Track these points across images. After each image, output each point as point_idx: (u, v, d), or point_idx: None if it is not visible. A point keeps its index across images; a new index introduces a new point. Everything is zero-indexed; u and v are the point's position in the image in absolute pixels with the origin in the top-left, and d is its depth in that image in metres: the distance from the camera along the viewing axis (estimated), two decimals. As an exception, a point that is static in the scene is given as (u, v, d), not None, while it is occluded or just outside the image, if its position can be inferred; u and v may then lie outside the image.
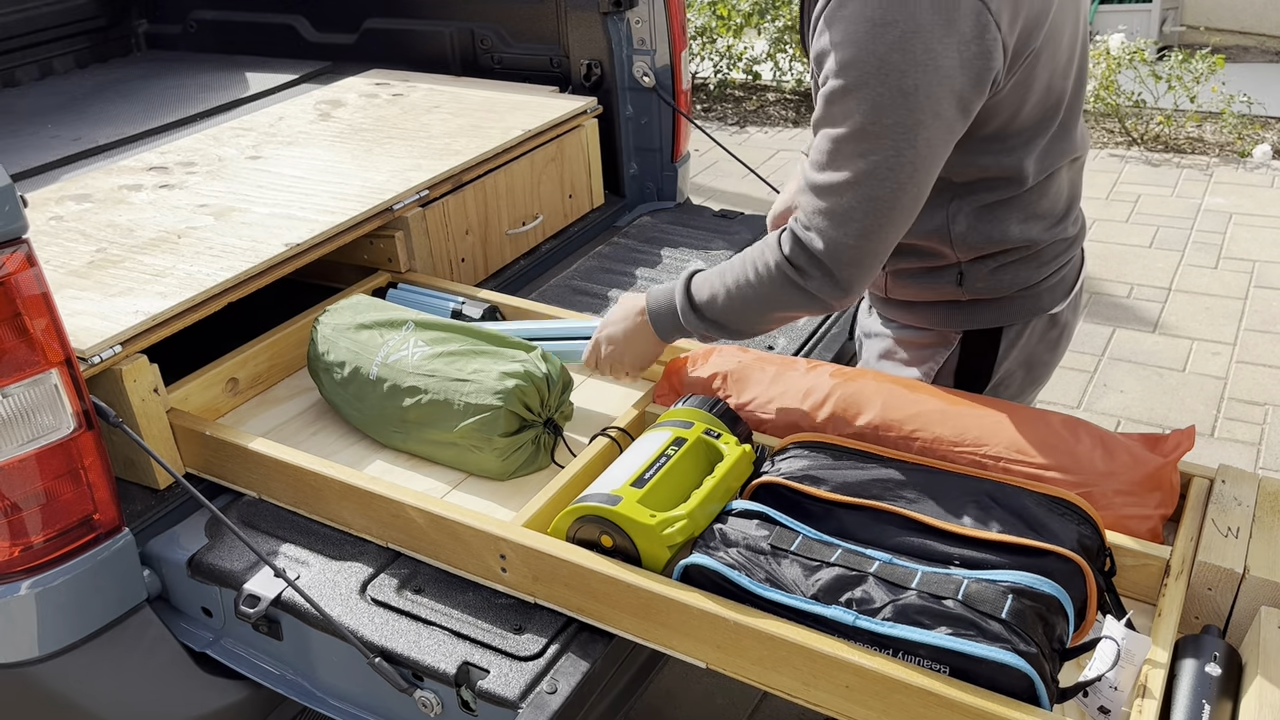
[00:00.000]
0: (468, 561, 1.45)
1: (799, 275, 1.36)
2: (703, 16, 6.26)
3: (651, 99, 2.62)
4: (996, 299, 1.54)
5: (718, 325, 1.47)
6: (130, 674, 1.57)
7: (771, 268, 1.38)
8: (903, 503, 1.28)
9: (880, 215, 1.29)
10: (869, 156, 1.26)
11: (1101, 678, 1.10)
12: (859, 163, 1.26)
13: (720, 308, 1.45)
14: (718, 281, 1.45)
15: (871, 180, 1.27)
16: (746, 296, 1.42)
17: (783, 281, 1.38)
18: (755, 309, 1.43)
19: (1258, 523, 1.31)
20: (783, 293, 1.39)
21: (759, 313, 1.43)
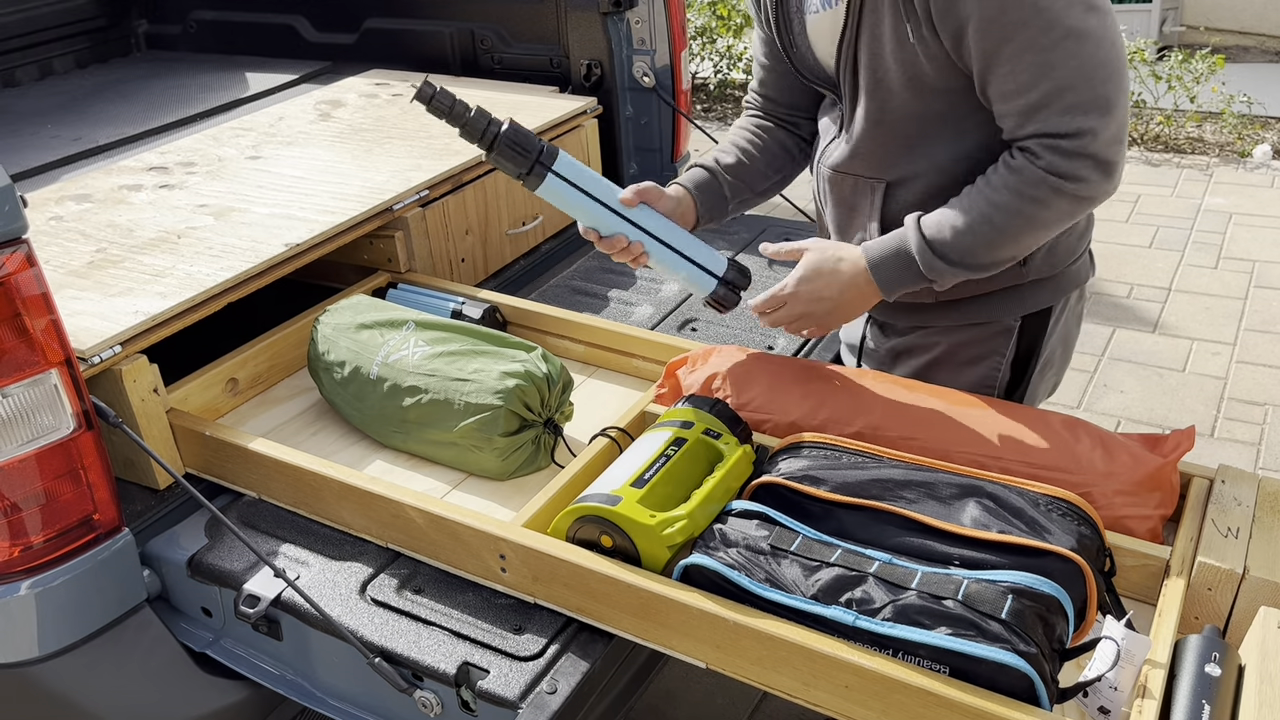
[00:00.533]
0: (467, 562, 1.45)
1: (1072, 183, 1.35)
2: (703, 16, 6.26)
3: (651, 99, 2.62)
4: (1050, 276, 1.56)
5: (961, 265, 1.42)
6: (130, 674, 1.57)
7: (1032, 188, 1.36)
8: (902, 503, 1.28)
9: (1122, 87, 1.34)
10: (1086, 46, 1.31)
11: (1101, 678, 1.10)
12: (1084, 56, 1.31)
13: (967, 244, 1.40)
14: (957, 219, 1.40)
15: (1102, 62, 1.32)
16: (1000, 225, 1.38)
17: (1051, 197, 1.36)
18: (1012, 235, 1.40)
19: (1257, 523, 1.31)
20: (1051, 209, 1.37)
21: (1015, 238, 1.40)
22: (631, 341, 1.88)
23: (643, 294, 2.26)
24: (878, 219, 1.53)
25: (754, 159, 1.69)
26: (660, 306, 2.20)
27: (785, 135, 1.72)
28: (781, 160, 1.72)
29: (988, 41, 1.32)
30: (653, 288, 2.28)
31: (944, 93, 1.42)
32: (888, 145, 1.49)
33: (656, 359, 1.86)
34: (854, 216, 1.58)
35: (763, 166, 1.70)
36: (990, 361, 1.61)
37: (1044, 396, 1.73)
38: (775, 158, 1.71)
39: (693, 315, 2.17)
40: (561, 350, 1.95)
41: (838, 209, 1.60)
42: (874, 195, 1.53)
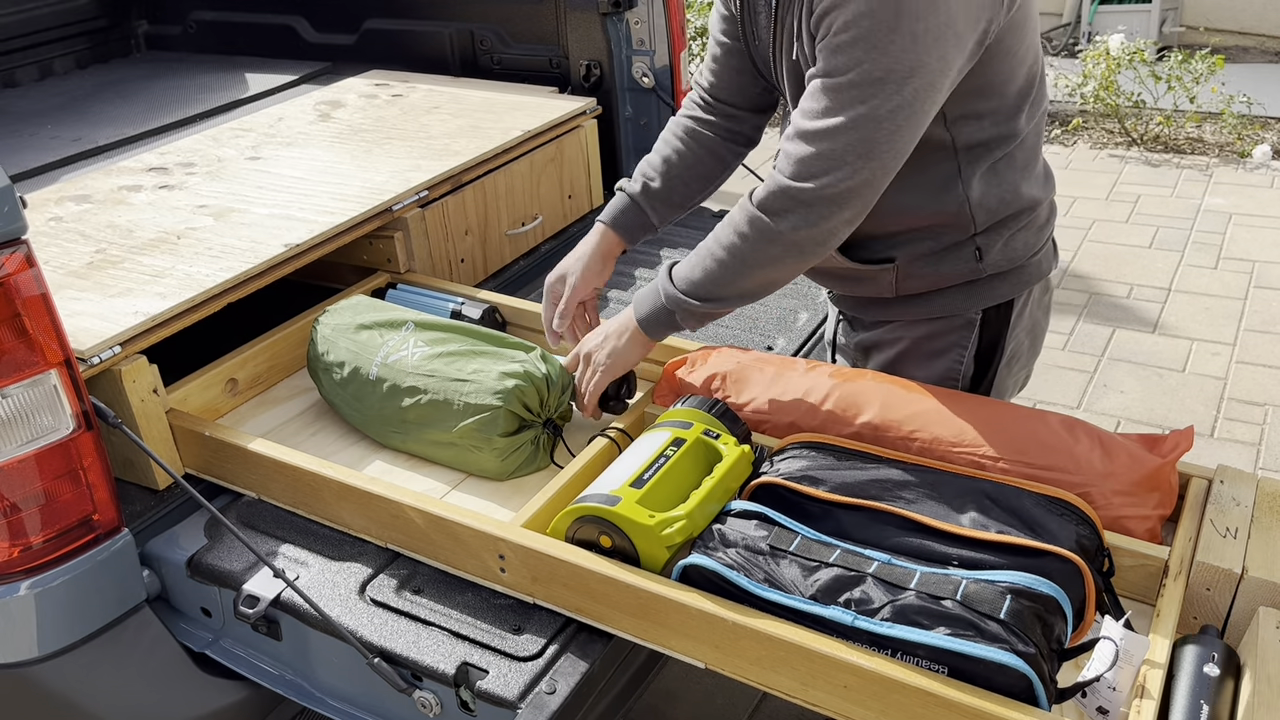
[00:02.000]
0: (467, 562, 1.45)
1: (773, 219, 1.36)
2: (702, 17, 6.26)
3: (651, 100, 2.62)
4: (1011, 270, 1.56)
5: (706, 301, 1.46)
6: (130, 674, 1.57)
7: (744, 223, 1.39)
8: (901, 503, 1.28)
9: (874, 159, 1.30)
10: (869, 101, 1.28)
11: (1100, 678, 1.10)
12: (859, 108, 1.28)
13: (701, 282, 1.45)
14: (695, 261, 1.46)
15: (869, 123, 1.28)
16: (723, 261, 1.42)
17: (757, 234, 1.38)
18: (734, 271, 1.43)
19: (1256, 523, 1.31)
20: (758, 246, 1.39)
21: (739, 274, 1.43)
22: (631, 342, 1.88)
23: (642, 294, 2.26)
24: None
25: (681, 174, 1.70)
26: (660, 307, 2.19)
27: (718, 140, 1.70)
28: (710, 169, 1.71)
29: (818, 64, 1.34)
30: (652, 288, 2.28)
31: None
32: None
33: (655, 359, 1.86)
34: None
35: (690, 180, 1.71)
36: (953, 354, 1.62)
37: (1013, 390, 1.74)
38: (705, 168, 1.71)
39: (692, 315, 2.17)
40: (561, 350, 1.95)
41: None
42: None
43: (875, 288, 1.60)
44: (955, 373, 1.64)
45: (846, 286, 1.67)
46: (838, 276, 1.65)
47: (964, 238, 1.52)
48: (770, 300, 2.21)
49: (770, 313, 2.16)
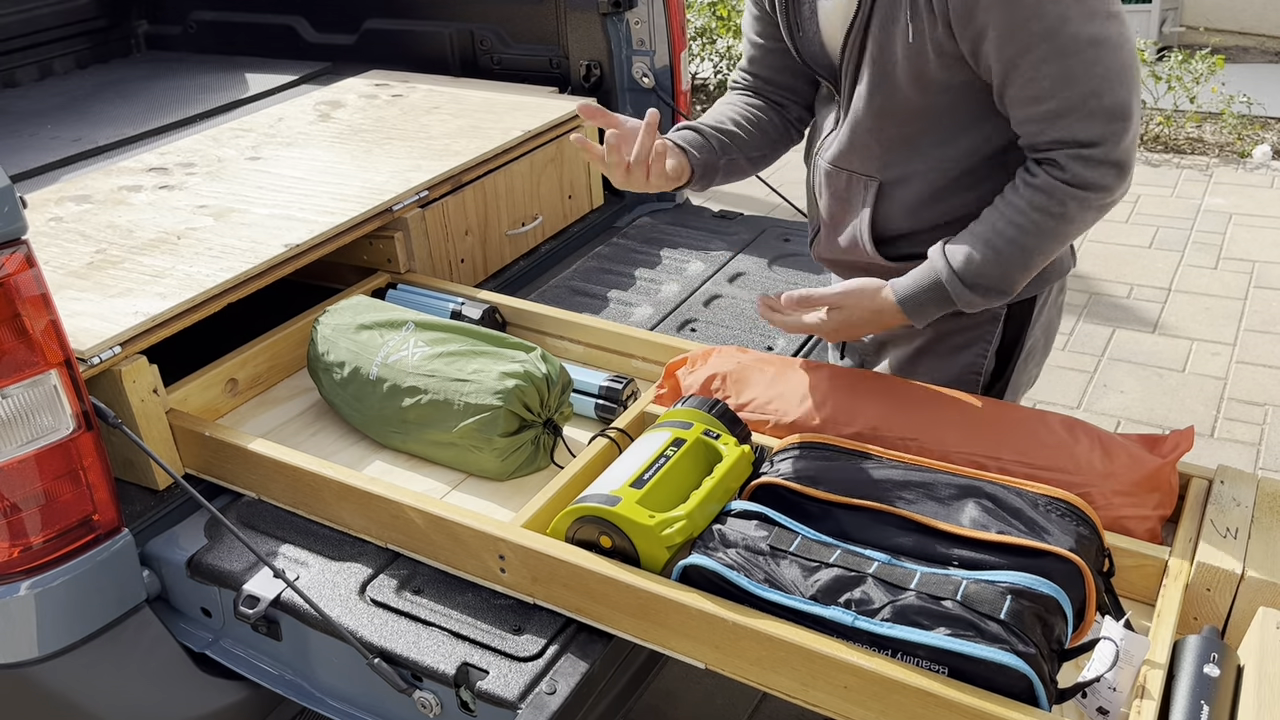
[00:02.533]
0: (467, 562, 1.45)
1: (1097, 192, 1.36)
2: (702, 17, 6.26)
3: (651, 100, 2.62)
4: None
5: (994, 290, 1.43)
6: (129, 674, 1.57)
7: (1058, 204, 1.37)
8: (901, 503, 1.28)
9: (1137, 90, 1.36)
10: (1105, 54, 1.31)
11: (1100, 678, 1.10)
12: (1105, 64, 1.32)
13: (997, 271, 1.41)
14: (984, 247, 1.41)
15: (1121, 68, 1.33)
16: (1029, 246, 1.40)
17: (1077, 210, 1.38)
18: (1041, 252, 1.41)
19: (1256, 524, 1.31)
20: (1076, 222, 1.39)
21: (1044, 255, 1.42)
22: (631, 342, 1.88)
23: (642, 294, 2.26)
24: (869, 215, 1.54)
25: (744, 128, 1.68)
26: (659, 307, 2.20)
27: (775, 114, 1.71)
28: (771, 134, 1.71)
29: (1008, 50, 1.32)
30: (652, 288, 2.28)
31: (948, 91, 1.42)
32: (885, 141, 1.49)
33: (656, 359, 1.86)
34: (847, 211, 1.59)
35: (753, 137, 1.69)
36: (976, 349, 1.62)
37: (1025, 388, 1.74)
38: (765, 132, 1.70)
39: (692, 316, 2.17)
40: (561, 351, 1.95)
41: (833, 202, 1.61)
42: (866, 192, 1.54)
43: None
44: (977, 368, 1.64)
45: None
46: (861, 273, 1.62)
47: None
48: (770, 300, 2.21)
49: (770, 313, 2.16)
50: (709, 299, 2.23)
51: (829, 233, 1.64)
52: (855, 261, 1.62)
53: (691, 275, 2.33)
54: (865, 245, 1.56)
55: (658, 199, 2.76)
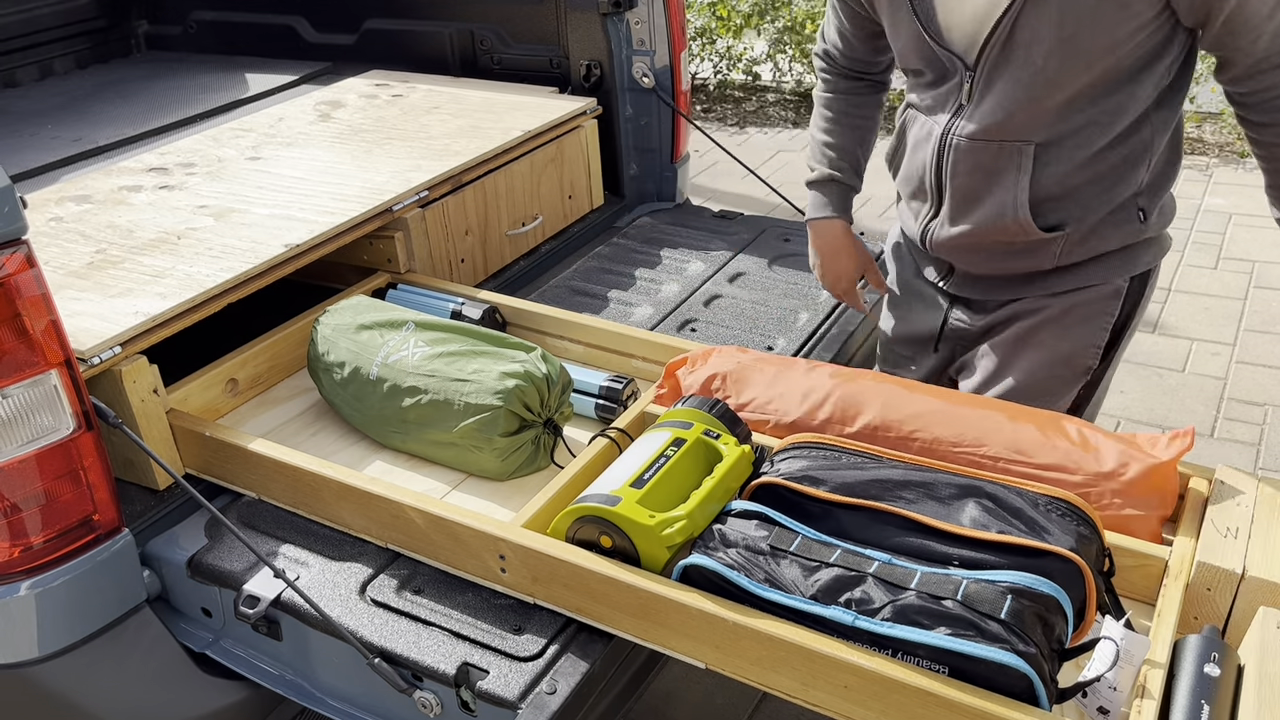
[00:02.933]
0: (467, 562, 1.45)
1: None
2: (702, 17, 6.27)
3: (651, 100, 2.62)
4: (1155, 237, 1.62)
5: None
6: (130, 674, 1.57)
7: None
8: (902, 503, 1.28)
9: None
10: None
11: (1100, 678, 1.10)
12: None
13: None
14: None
15: None
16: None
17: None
18: None
19: (1257, 523, 1.31)
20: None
21: None
22: (631, 342, 1.88)
23: (642, 294, 2.26)
24: (1027, 182, 1.53)
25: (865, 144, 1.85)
26: (660, 307, 2.20)
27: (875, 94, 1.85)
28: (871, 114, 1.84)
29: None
30: (652, 288, 2.28)
31: (1121, 45, 1.42)
32: (1045, 106, 1.48)
33: (656, 359, 1.86)
34: (993, 183, 1.56)
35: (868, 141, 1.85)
36: (1098, 323, 1.62)
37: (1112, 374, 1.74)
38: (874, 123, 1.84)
39: (692, 316, 2.17)
40: (561, 351, 1.96)
41: (972, 177, 1.58)
42: (1022, 158, 1.52)
43: (1035, 260, 1.60)
44: (1098, 340, 1.64)
45: (1002, 263, 1.64)
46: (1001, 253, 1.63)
47: (1129, 195, 1.54)
48: (770, 300, 2.21)
49: (770, 313, 2.16)
50: (709, 299, 2.23)
51: (959, 212, 1.61)
52: (998, 239, 1.60)
53: (692, 275, 2.33)
54: (1020, 214, 1.54)
55: (658, 199, 2.76)
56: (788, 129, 5.87)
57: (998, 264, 1.65)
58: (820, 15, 5.99)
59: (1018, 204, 1.54)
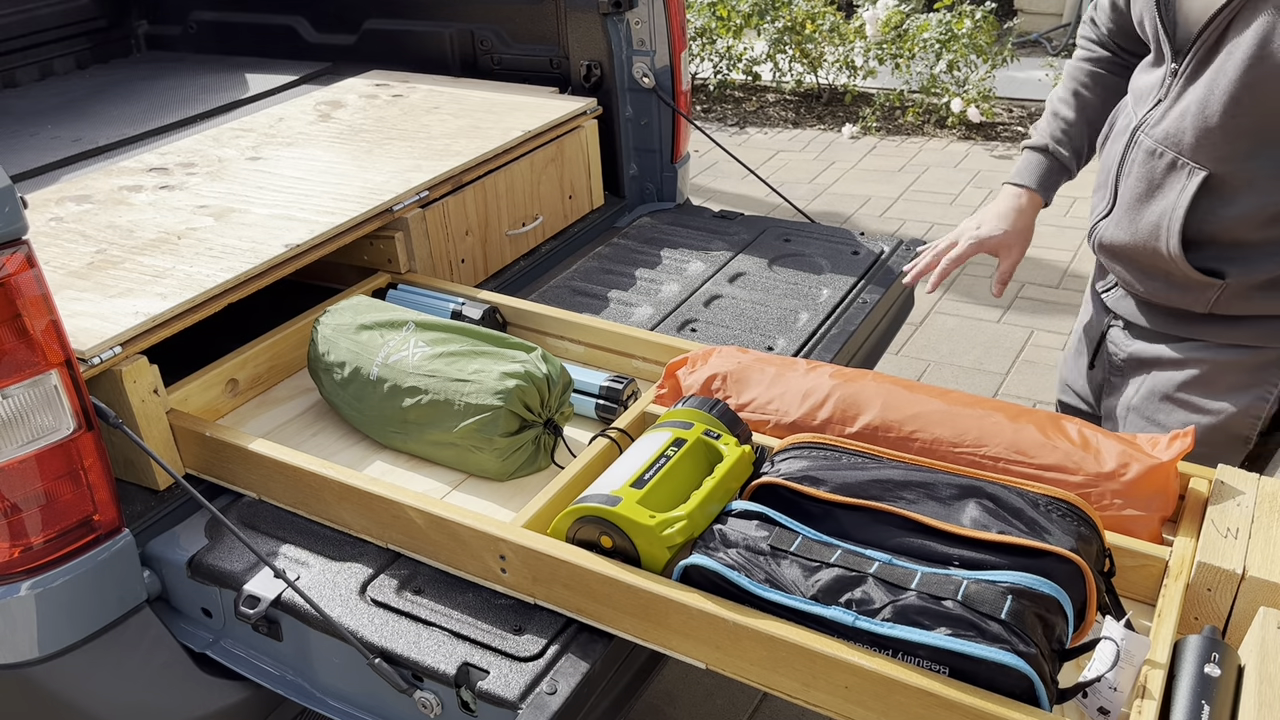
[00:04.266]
0: (467, 562, 1.45)
1: None
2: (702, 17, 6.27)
3: (651, 100, 2.63)
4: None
5: None
6: (130, 675, 1.57)
7: None
8: (902, 503, 1.28)
9: None
10: None
11: (1101, 678, 1.10)
12: None
13: None
14: None
15: None
16: None
17: None
18: None
19: (1257, 523, 1.31)
20: None
21: None
22: (631, 342, 1.88)
23: (642, 294, 2.26)
24: (1184, 210, 1.39)
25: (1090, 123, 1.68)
26: (660, 307, 2.20)
27: (1119, 74, 1.67)
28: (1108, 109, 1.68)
29: None
30: (652, 288, 2.28)
31: None
32: (1232, 129, 1.34)
33: (656, 359, 1.86)
34: (1155, 195, 1.44)
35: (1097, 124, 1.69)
36: (1258, 391, 1.46)
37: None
38: (1108, 108, 1.68)
39: (692, 316, 2.17)
40: (561, 351, 1.96)
41: (1140, 182, 1.46)
42: (1188, 180, 1.39)
43: (1187, 298, 1.46)
44: (1260, 411, 1.49)
45: (1154, 289, 1.51)
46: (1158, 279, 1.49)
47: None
48: (771, 300, 2.21)
49: (770, 313, 2.16)
50: (709, 299, 2.23)
51: (1124, 217, 1.50)
52: (1150, 260, 1.48)
53: (692, 275, 2.33)
54: (1170, 242, 1.41)
55: (658, 199, 2.76)
56: (788, 129, 5.87)
57: (1151, 288, 1.51)
58: (820, 15, 5.99)
59: (1170, 230, 1.41)
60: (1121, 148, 1.51)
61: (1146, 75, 1.49)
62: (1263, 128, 1.33)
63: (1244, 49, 1.29)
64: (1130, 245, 1.49)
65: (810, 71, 6.25)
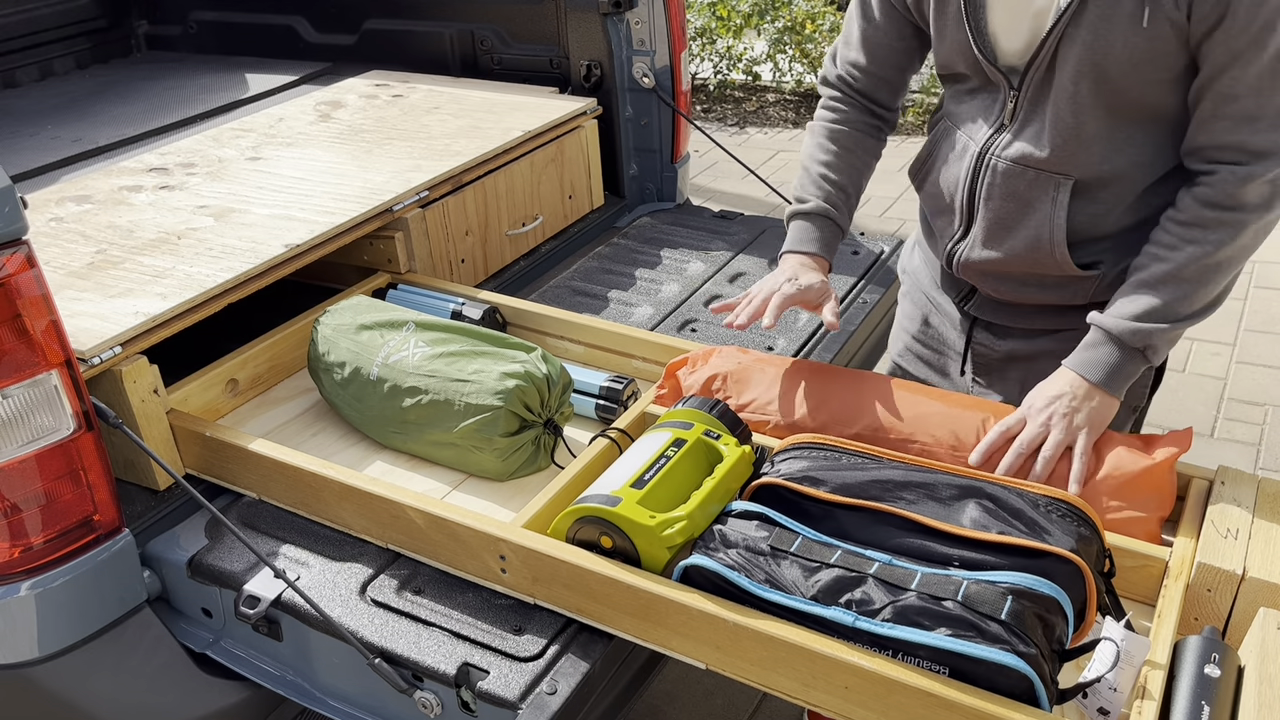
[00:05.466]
0: (467, 562, 1.45)
1: (1265, 211, 1.35)
2: (702, 17, 6.27)
3: (651, 100, 2.63)
4: None
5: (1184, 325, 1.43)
6: (130, 675, 1.57)
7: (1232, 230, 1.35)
8: (902, 504, 1.28)
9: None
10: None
11: (1101, 679, 1.10)
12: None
13: (1180, 309, 1.41)
14: (1153, 296, 1.40)
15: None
16: (1207, 277, 1.39)
17: (1253, 233, 1.37)
18: (1219, 281, 1.41)
19: (1257, 524, 1.31)
20: (1251, 243, 1.38)
21: (1220, 283, 1.41)
22: (631, 342, 1.88)
23: (642, 295, 2.26)
24: (1064, 218, 1.46)
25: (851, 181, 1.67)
26: (660, 307, 2.20)
27: (872, 131, 1.69)
28: (871, 158, 1.70)
29: (1237, 42, 1.28)
30: (652, 288, 2.28)
31: (1167, 83, 1.37)
32: (1086, 137, 1.41)
33: (656, 360, 1.86)
34: (1027, 212, 1.49)
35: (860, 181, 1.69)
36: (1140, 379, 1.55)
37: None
38: (870, 171, 1.69)
39: (692, 316, 2.17)
40: (561, 351, 1.96)
41: (1006, 203, 1.50)
42: (1058, 192, 1.45)
43: (1067, 295, 1.53)
44: (1146, 379, 1.59)
45: (1031, 293, 1.56)
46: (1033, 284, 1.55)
47: None
48: (771, 301, 2.21)
49: (771, 313, 2.16)
50: (709, 299, 2.23)
51: (991, 238, 1.54)
52: (1027, 269, 1.53)
53: (692, 275, 2.33)
54: (1056, 251, 1.48)
55: (658, 199, 2.76)
56: (788, 129, 5.87)
57: (1028, 294, 1.56)
58: (820, 15, 5.98)
59: (1054, 240, 1.47)
60: (964, 173, 1.54)
61: (974, 100, 1.53)
62: (1112, 130, 1.41)
63: (1077, 64, 1.37)
64: (1004, 260, 1.53)
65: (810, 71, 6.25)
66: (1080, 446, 1.38)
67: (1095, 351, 1.42)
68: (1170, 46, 1.33)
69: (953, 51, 1.51)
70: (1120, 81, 1.37)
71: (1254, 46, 1.28)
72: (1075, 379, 1.42)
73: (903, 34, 1.60)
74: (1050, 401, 1.40)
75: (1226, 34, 1.29)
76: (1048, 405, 1.40)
